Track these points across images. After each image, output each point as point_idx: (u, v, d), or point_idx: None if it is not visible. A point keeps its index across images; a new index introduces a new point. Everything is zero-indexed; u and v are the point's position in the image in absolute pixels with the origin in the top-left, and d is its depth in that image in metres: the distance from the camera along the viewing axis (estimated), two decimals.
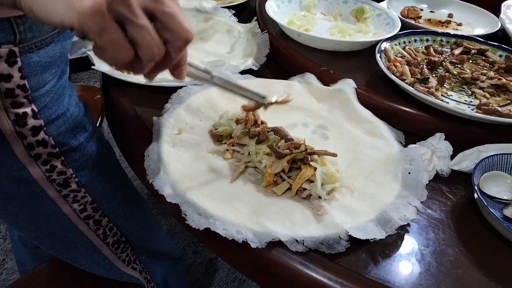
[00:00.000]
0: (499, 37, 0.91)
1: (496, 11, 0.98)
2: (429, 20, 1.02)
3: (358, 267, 0.45)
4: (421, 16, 1.03)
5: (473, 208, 0.53)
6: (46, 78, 0.51)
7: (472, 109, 0.65)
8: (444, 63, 0.76)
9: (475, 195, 0.51)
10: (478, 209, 0.52)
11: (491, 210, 0.48)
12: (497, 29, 0.92)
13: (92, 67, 0.69)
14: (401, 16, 0.96)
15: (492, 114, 0.62)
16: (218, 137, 0.59)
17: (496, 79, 0.71)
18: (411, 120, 0.65)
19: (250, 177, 0.54)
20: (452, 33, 0.87)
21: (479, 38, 0.84)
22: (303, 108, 0.67)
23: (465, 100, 0.68)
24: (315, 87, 0.70)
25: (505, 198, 0.53)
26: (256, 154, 0.54)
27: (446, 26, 0.99)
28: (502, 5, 0.99)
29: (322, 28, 0.91)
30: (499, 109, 0.63)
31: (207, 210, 0.46)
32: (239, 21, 0.94)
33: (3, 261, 1.34)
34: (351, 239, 0.45)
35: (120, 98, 0.68)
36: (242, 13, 1.00)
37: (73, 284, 0.79)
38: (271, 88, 0.69)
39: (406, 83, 0.67)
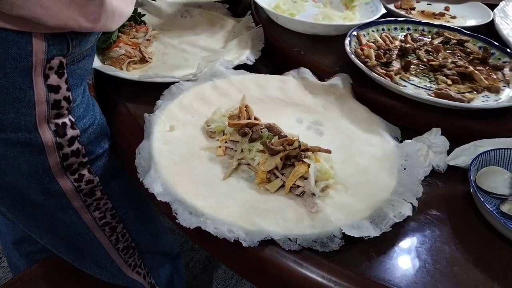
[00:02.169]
0: (492, 32, 0.89)
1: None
2: (422, 12, 1.02)
3: (352, 265, 0.44)
4: (414, 8, 1.02)
5: (470, 204, 0.52)
6: (81, 90, 0.53)
7: (429, 94, 0.65)
8: (417, 51, 0.76)
9: (472, 191, 0.51)
10: (475, 205, 0.51)
11: (488, 206, 0.48)
12: (487, 21, 0.90)
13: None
14: (391, 7, 0.96)
15: (444, 98, 0.61)
16: (210, 134, 0.58)
17: (464, 68, 0.71)
18: (372, 103, 0.66)
19: (243, 174, 0.53)
20: (435, 23, 0.86)
21: (462, 29, 0.83)
22: (298, 104, 0.66)
23: (425, 85, 0.68)
24: (310, 82, 0.69)
25: (501, 193, 0.53)
26: (249, 151, 0.53)
27: (439, 18, 0.98)
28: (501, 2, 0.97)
29: (309, 13, 0.92)
30: (452, 94, 0.63)
31: (198, 208, 0.45)
32: (233, 16, 0.93)
33: (0, 260, 1.34)
34: (345, 237, 0.45)
35: (112, 95, 0.66)
36: (237, 8, 0.98)
37: (70, 283, 0.78)
38: (265, 83, 0.68)
39: (368, 66, 0.67)
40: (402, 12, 0.95)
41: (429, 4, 1.06)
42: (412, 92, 0.62)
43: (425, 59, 0.74)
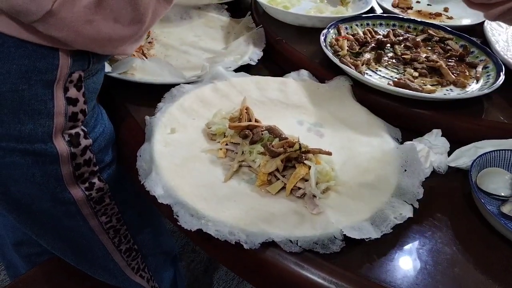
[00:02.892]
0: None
1: None
2: (419, 11, 1.02)
3: (353, 267, 0.44)
4: (412, 7, 1.03)
5: (470, 205, 0.52)
6: (94, 102, 0.55)
7: (389, 83, 0.67)
8: (395, 45, 0.78)
9: (472, 192, 0.51)
10: (475, 206, 0.52)
11: (488, 207, 0.48)
12: (480, 21, 0.91)
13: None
14: (385, 5, 0.97)
15: (402, 88, 0.63)
16: (211, 136, 0.58)
17: (433, 62, 0.73)
18: (372, 104, 0.67)
19: (244, 176, 0.53)
20: (419, 20, 0.88)
21: (447, 28, 0.84)
22: (298, 106, 0.66)
23: (391, 76, 0.70)
24: (310, 84, 0.69)
25: (502, 194, 0.53)
26: (250, 153, 0.53)
27: (434, 18, 0.99)
28: None
29: (303, 7, 0.94)
30: (410, 84, 0.65)
31: (200, 210, 0.45)
32: (233, 17, 0.93)
33: (1, 263, 1.34)
34: (346, 238, 0.45)
35: (113, 97, 0.67)
36: (236, 10, 0.99)
37: (70, 284, 0.78)
38: (266, 85, 0.68)
39: (338, 55, 0.71)
40: (397, 11, 0.96)
41: (429, 5, 1.06)
42: (373, 81, 0.65)
43: (399, 53, 0.76)
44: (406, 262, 0.45)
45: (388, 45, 0.79)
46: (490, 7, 0.51)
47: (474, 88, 0.69)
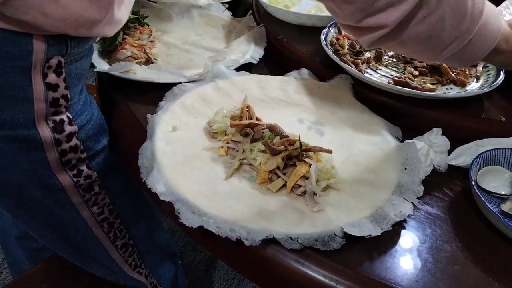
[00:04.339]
0: None
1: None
2: None
3: (354, 264, 0.44)
4: None
5: (471, 203, 0.53)
6: (79, 88, 0.54)
7: (389, 82, 0.67)
8: None
9: (472, 190, 0.51)
10: (476, 204, 0.52)
11: (489, 205, 0.48)
12: None
13: (95, 70, 0.68)
14: None
15: (402, 86, 0.64)
16: (212, 134, 0.58)
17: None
18: (373, 103, 0.67)
19: (245, 174, 0.53)
20: None
21: None
22: (299, 104, 0.66)
23: (391, 75, 0.71)
24: (311, 82, 0.70)
25: (502, 193, 0.53)
26: (251, 151, 0.54)
27: None
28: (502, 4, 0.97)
29: (304, 6, 0.95)
30: (410, 82, 0.65)
31: (201, 208, 0.46)
32: (234, 17, 0.93)
33: (3, 261, 1.34)
34: (346, 236, 0.45)
35: (115, 96, 0.67)
36: (237, 8, 0.99)
37: (72, 283, 0.79)
38: (266, 84, 0.68)
39: (339, 54, 0.72)
40: None
41: None
42: (373, 79, 0.65)
43: None
44: (406, 259, 0.46)
45: None
46: (361, 31, 0.48)
47: (474, 87, 0.69)
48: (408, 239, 0.48)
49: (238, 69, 0.72)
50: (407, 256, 0.46)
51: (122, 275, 0.74)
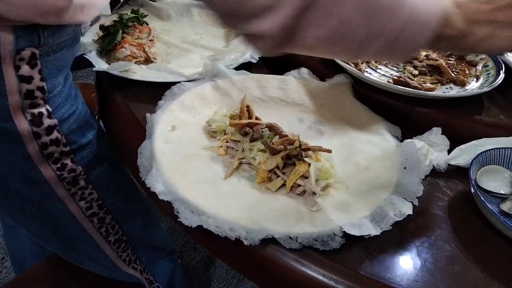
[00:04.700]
0: None
1: None
2: None
3: (353, 264, 0.44)
4: None
5: (470, 203, 0.53)
6: (59, 80, 0.53)
7: (388, 81, 0.67)
8: None
9: (472, 190, 0.51)
10: (475, 204, 0.52)
11: (488, 205, 0.48)
12: None
13: (94, 69, 0.68)
14: None
15: (402, 85, 0.64)
16: (212, 133, 0.58)
17: (433, 60, 0.73)
18: (372, 102, 0.67)
19: (244, 173, 0.53)
20: None
21: None
22: (298, 104, 0.66)
23: (391, 74, 0.71)
24: (311, 82, 0.70)
25: (502, 192, 0.53)
26: (250, 150, 0.54)
27: None
28: None
29: None
30: (409, 82, 0.65)
31: (200, 207, 0.46)
32: None
33: (3, 260, 1.34)
34: (345, 235, 0.45)
35: (114, 95, 0.67)
36: None
37: (72, 282, 0.79)
38: (266, 83, 0.68)
39: None
40: None
41: None
42: (373, 79, 0.65)
43: None
44: (405, 259, 0.45)
45: None
46: (251, 39, 0.40)
47: (474, 86, 0.69)
48: (408, 238, 0.48)
49: (237, 68, 0.72)
50: (406, 256, 0.46)
51: (116, 271, 0.73)
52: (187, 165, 0.52)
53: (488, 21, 0.40)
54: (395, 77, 0.67)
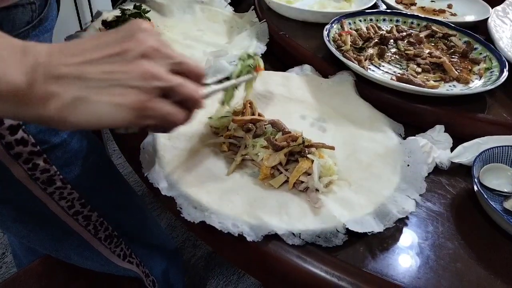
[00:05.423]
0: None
1: None
2: (422, 8, 1.02)
3: (356, 261, 0.44)
4: (415, 3, 1.03)
5: (473, 201, 0.53)
6: None
7: (392, 79, 0.67)
8: (399, 41, 0.78)
9: (475, 188, 0.51)
10: (478, 202, 0.52)
11: (491, 203, 0.48)
12: (482, 18, 0.90)
13: None
14: (389, 1, 0.98)
15: (405, 83, 0.64)
16: (214, 130, 0.58)
17: (436, 58, 0.73)
18: (375, 99, 0.67)
19: (247, 170, 0.53)
20: (423, 16, 0.87)
21: (450, 24, 0.84)
22: (301, 101, 0.66)
23: (394, 72, 0.71)
24: (313, 79, 0.69)
25: (505, 190, 0.53)
26: (253, 147, 0.53)
27: (438, 15, 0.99)
28: (505, 1, 0.97)
29: (306, 2, 0.95)
30: (413, 79, 0.65)
31: (203, 203, 0.46)
32: (236, 12, 0.93)
33: (3, 255, 1.34)
34: (348, 232, 0.45)
35: None
36: (239, 4, 0.99)
37: (70, 278, 0.79)
38: (269, 80, 0.68)
39: (342, 50, 0.71)
40: (400, 7, 0.97)
41: (433, 1, 1.06)
42: (376, 76, 0.65)
43: (403, 49, 0.76)
44: (408, 256, 0.45)
45: (391, 40, 0.78)
46: None
47: (477, 84, 0.69)
48: (410, 236, 0.48)
49: None
50: (409, 253, 0.46)
51: (110, 266, 0.72)
52: (190, 161, 0.52)
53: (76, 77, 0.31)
54: (398, 75, 0.67)
